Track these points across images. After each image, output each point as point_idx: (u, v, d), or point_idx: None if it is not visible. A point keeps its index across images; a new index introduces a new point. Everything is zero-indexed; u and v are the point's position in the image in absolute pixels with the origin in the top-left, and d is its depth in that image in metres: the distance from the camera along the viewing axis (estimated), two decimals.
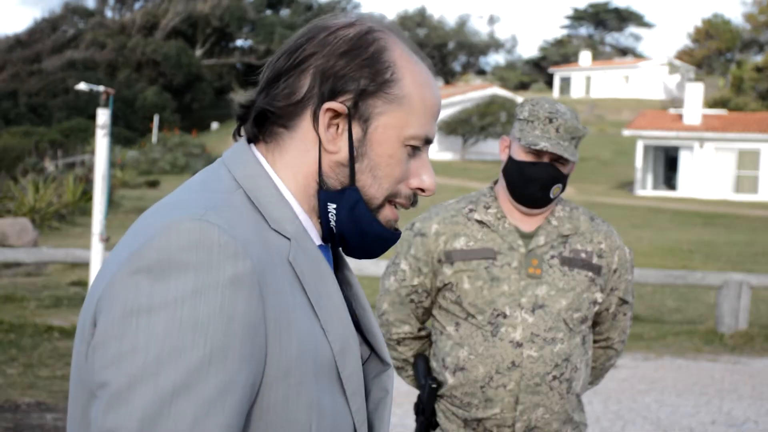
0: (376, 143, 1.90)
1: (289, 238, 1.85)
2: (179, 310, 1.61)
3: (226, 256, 1.66)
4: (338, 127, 1.90)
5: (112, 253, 1.83)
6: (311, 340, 1.80)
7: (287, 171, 1.93)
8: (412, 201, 1.99)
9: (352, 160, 1.90)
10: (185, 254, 1.65)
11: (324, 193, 1.92)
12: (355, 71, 1.87)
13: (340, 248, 2.03)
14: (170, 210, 1.77)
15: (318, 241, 1.96)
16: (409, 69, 1.92)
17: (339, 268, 2.08)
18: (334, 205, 1.91)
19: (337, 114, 1.88)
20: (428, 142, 1.97)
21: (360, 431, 1.91)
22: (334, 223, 1.93)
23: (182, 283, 1.63)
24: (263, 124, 1.95)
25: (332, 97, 1.87)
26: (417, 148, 1.95)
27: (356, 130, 1.90)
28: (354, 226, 1.93)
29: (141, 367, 1.58)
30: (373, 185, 1.91)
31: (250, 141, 1.98)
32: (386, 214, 1.96)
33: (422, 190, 1.97)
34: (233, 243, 1.68)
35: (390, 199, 1.95)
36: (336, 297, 1.91)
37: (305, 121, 1.91)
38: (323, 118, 1.88)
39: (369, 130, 1.90)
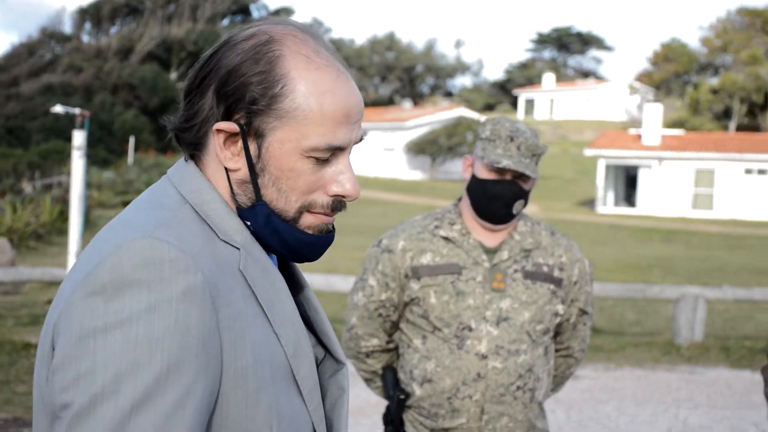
0: (273, 158, 1.87)
1: (238, 248, 1.86)
2: (134, 327, 1.62)
3: (177, 270, 1.67)
4: (236, 145, 1.87)
5: (68, 274, 1.82)
6: (266, 346, 1.81)
7: (216, 185, 1.93)
8: (334, 207, 1.94)
9: (253, 177, 1.87)
10: (137, 272, 1.65)
11: (240, 212, 1.91)
12: (247, 87, 1.83)
13: (280, 256, 2.00)
14: (120, 230, 1.77)
15: (259, 245, 1.94)
16: (304, 78, 1.85)
17: (289, 273, 2.09)
18: (249, 222, 1.91)
19: (229, 134, 1.86)
20: (338, 149, 1.89)
21: (318, 429, 1.92)
22: (261, 237, 1.92)
23: (136, 301, 1.63)
24: (182, 142, 1.95)
25: (227, 115, 1.85)
26: (324, 159, 1.88)
27: (252, 147, 1.87)
28: (275, 236, 1.91)
29: (100, 386, 1.59)
30: (279, 199, 1.89)
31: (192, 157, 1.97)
32: (308, 221, 1.92)
33: (343, 196, 1.92)
34: (183, 257, 1.69)
35: (309, 209, 1.91)
36: (287, 302, 1.92)
37: (211, 141, 1.90)
38: (217, 139, 1.86)
39: (263, 146, 1.86)
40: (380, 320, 4.03)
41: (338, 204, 1.93)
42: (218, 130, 1.85)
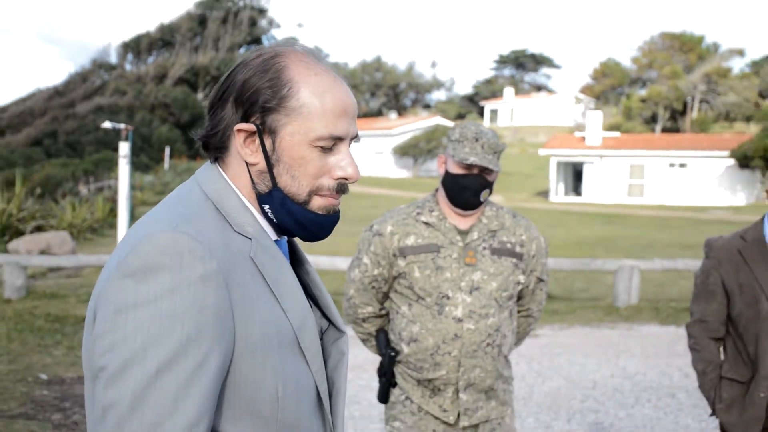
0: (286, 150, 1.89)
1: (250, 238, 1.88)
2: (159, 304, 1.65)
3: (195, 258, 1.69)
4: (255, 142, 1.90)
5: (109, 260, 1.83)
6: (273, 320, 1.82)
7: (237, 182, 1.95)
8: (339, 189, 1.95)
9: (269, 167, 1.90)
10: (162, 259, 1.68)
11: (259, 198, 1.93)
12: (259, 93, 1.87)
13: (295, 236, 2.03)
14: (149, 223, 1.79)
15: (274, 237, 1.98)
16: (306, 81, 1.88)
17: (296, 259, 2.08)
18: (267, 206, 1.93)
19: (248, 132, 1.89)
20: (339, 138, 1.92)
21: (320, 387, 1.94)
22: (274, 220, 1.94)
23: (161, 283, 1.66)
24: (209, 147, 1.97)
25: (245, 119, 1.89)
26: (328, 148, 1.91)
27: (268, 142, 1.89)
28: (289, 218, 1.93)
29: (130, 352, 1.62)
30: (293, 184, 1.90)
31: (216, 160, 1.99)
32: (318, 203, 1.94)
33: (346, 178, 1.94)
34: (201, 248, 1.72)
35: (316, 193, 1.93)
36: (292, 283, 1.92)
37: (233, 143, 1.92)
38: (238, 138, 1.90)
39: (277, 140, 1.89)
40: (373, 292, 4.04)
41: (342, 186, 1.95)
42: (239, 130, 1.88)
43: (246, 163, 1.92)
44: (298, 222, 1.93)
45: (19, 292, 13.83)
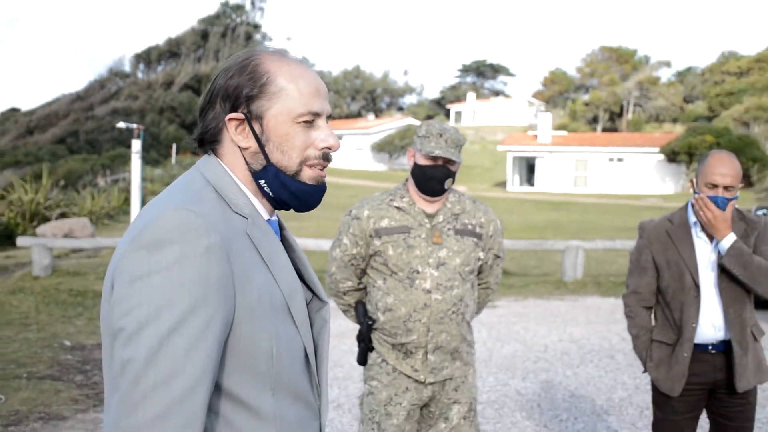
0: (273, 129, 1.91)
1: (246, 217, 1.88)
2: (169, 273, 1.66)
3: (199, 233, 1.70)
4: (245, 129, 1.92)
5: (124, 236, 1.82)
6: (267, 289, 1.83)
7: (233, 169, 1.95)
8: (325, 158, 1.97)
9: (261, 147, 1.91)
10: (171, 234, 1.69)
11: (255, 175, 1.94)
12: (242, 86, 1.90)
13: (291, 209, 2.02)
14: (159, 204, 1.80)
15: (266, 217, 1.98)
16: (281, 70, 1.91)
17: (283, 238, 2.07)
18: (263, 180, 1.94)
19: (240, 120, 1.91)
20: (317, 114, 1.94)
21: (308, 349, 1.94)
22: (271, 194, 1.95)
23: (170, 254, 1.67)
24: (205, 143, 1.98)
25: (234, 110, 1.91)
26: (310, 121, 1.93)
27: (256, 126, 1.91)
28: (284, 190, 1.94)
29: (145, 315, 1.64)
30: (283, 158, 1.92)
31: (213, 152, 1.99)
32: (308, 174, 1.95)
33: (329, 148, 1.96)
34: (204, 224, 1.72)
35: (305, 163, 1.94)
36: (282, 257, 1.93)
37: (226, 133, 1.94)
38: (230, 127, 1.92)
39: (264, 123, 1.91)
40: (353, 268, 4.03)
41: (326, 155, 1.96)
42: (230, 120, 1.91)
43: (240, 148, 1.93)
44: (291, 193, 1.94)
45: (45, 270, 13.80)
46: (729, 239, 4.01)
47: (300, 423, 1.90)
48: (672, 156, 54.33)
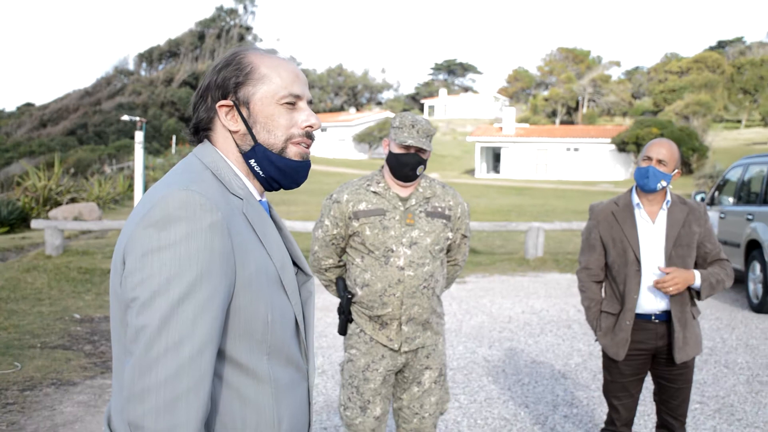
0: (259, 112, 1.93)
1: (241, 198, 1.89)
2: (178, 247, 1.67)
3: (204, 211, 1.71)
4: (234, 114, 1.94)
5: (131, 215, 1.83)
6: (262, 262, 1.84)
7: (226, 153, 1.97)
8: (308, 136, 1.98)
9: (249, 129, 1.93)
10: (178, 212, 1.69)
11: (245, 155, 1.95)
12: (229, 77, 1.92)
13: (280, 188, 2.03)
14: (166, 186, 1.79)
15: (258, 198, 1.98)
16: (263, 61, 1.94)
17: (273, 218, 2.06)
18: (253, 160, 1.95)
19: (229, 107, 1.93)
20: (298, 97, 1.96)
21: (298, 317, 1.95)
22: (261, 172, 1.96)
23: (178, 231, 1.68)
24: (199, 132, 1.99)
25: (223, 98, 1.93)
26: (292, 103, 1.95)
27: (244, 111, 1.93)
28: (272, 166, 1.95)
29: (157, 285, 1.65)
30: (270, 137, 1.93)
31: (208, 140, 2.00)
32: (293, 151, 1.96)
33: (311, 126, 1.97)
34: (208, 202, 1.73)
35: (290, 141, 1.95)
36: (274, 234, 1.94)
37: (217, 121, 1.96)
38: (220, 113, 1.94)
39: (251, 107, 1.93)
40: (333, 247, 4.00)
41: (309, 133, 1.98)
42: (220, 107, 1.93)
43: (230, 132, 1.94)
44: (279, 169, 1.95)
45: (57, 250, 13.73)
46: (698, 280, 4.12)
47: (291, 384, 1.90)
48: (622, 146, 54.68)
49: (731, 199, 11.96)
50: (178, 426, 1.62)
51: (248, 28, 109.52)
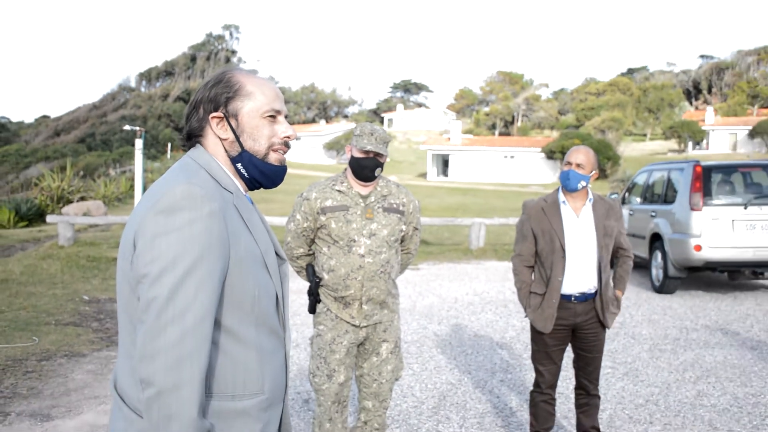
0: (246, 123, 1.93)
1: (231, 192, 1.90)
2: (182, 231, 1.69)
3: (204, 201, 1.73)
4: (224, 124, 1.94)
5: (139, 204, 1.85)
6: (250, 245, 1.85)
7: (216, 156, 1.96)
8: (286, 144, 1.99)
9: (237, 137, 1.94)
10: (182, 201, 1.72)
11: (233, 160, 1.95)
12: (220, 93, 1.93)
13: (261, 187, 2.04)
14: (169, 181, 1.80)
15: (244, 193, 1.98)
16: (249, 80, 1.95)
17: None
18: (240, 164, 1.95)
19: (220, 118, 1.93)
20: (278, 112, 1.97)
21: (279, 294, 1.95)
22: (246, 174, 1.96)
23: (182, 217, 1.70)
24: (192, 138, 1.98)
25: (214, 110, 1.93)
26: (273, 116, 1.96)
27: (233, 122, 1.93)
28: (256, 170, 1.96)
29: (165, 263, 1.67)
30: (255, 145, 1.94)
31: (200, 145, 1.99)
32: (274, 157, 1.97)
33: (288, 137, 1.98)
34: (207, 194, 1.75)
35: (271, 148, 1.96)
36: (259, 224, 1.96)
37: (209, 129, 1.95)
38: (212, 123, 1.94)
39: (239, 118, 1.93)
40: (304, 238, 3.96)
41: (287, 143, 1.99)
42: (212, 117, 1.93)
43: (220, 139, 1.94)
44: (261, 172, 1.95)
45: (69, 241, 13.57)
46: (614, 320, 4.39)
47: (273, 350, 1.91)
48: (550, 154, 55.31)
49: (638, 199, 12.08)
50: (183, 381, 1.64)
51: (233, 52, 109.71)
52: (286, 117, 2.01)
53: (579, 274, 4.22)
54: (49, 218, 14.23)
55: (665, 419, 5.22)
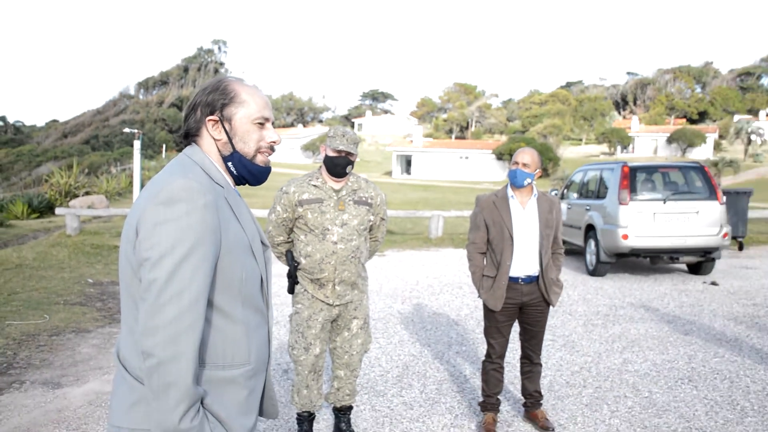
0: (238, 128, 1.90)
1: (222, 187, 1.88)
2: (180, 221, 1.67)
3: (199, 193, 1.71)
4: (218, 126, 1.90)
5: (140, 196, 1.81)
6: (239, 234, 1.83)
7: (209, 155, 1.93)
8: (272, 148, 1.96)
9: (229, 140, 1.91)
10: (180, 194, 1.69)
11: (224, 159, 1.93)
12: (217, 99, 1.89)
13: (247, 183, 2.00)
14: (167, 176, 1.77)
15: (233, 187, 1.95)
16: (242, 89, 1.91)
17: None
18: (230, 163, 1.92)
19: (215, 121, 1.90)
20: (266, 119, 1.93)
21: (263, 277, 1.94)
22: (235, 172, 1.94)
23: (180, 208, 1.68)
24: (188, 137, 1.95)
25: (211, 114, 1.90)
26: (262, 123, 1.92)
27: (227, 125, 1.90)
28: (245, 169, 1.93)
29: (164, 249, 1.65)
30: (244, 147, 1.91)
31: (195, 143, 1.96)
32: (260, 159, 1.94)
33: (274, 142, 1.95)
34: (202, 187, 1.73)
35: (259, 151, 1.93)
36: (247, 214, 1.95)
37: (204, 130, 1.92)
38: (208, 125, 1.91)
39: (232, 123, 1.90)
40: (283, 227, 3.92)
41: (272, 147, 1.96)
42: (209, 120, 1.90)
43: (215, 140, 1.91)
44: (249, 171, 1.92)
45: (75, 231, 13.35)
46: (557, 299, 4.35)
47: (258, 326, 1.90)
48: (500, 155, 55.61)
49: (575, 195, 12.19)
50: (180, 353, 1.64)
51: (221, 63, 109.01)
52: (273, 123, 1.98)
53: (524, 259, 4.23)
54: (57, 210, 14.08)
55: (596, 383, 5.28)
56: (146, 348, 1.65)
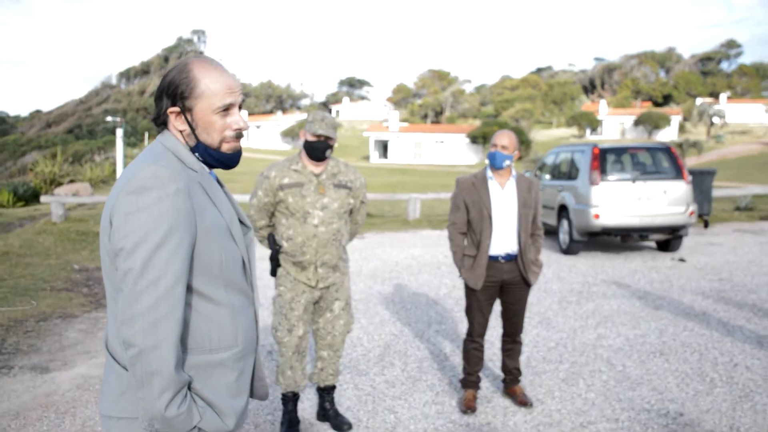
0: (200, 119, 1.80)
1: (196, 171, 1.82)
2: (152, 209, 1.62)
3: (170, 180, 1.66)
4: (181, 118, 1.81)
5: (114, 186, 1.74)
6: (215, 218, 1.78)
7: (181, 139, 1.85)
8: (237, 136, 1.85)
9: (192, 130, 1.82)
10: (151, 182, 1.64)
11: (191, 149, 1.84)
12: (177, 87, 1.79)
13: (218, 168, 1.92)
14: (138, 163, 1.71)
15: (208, 171, 1.88)
16: (204, 76, 1.79)
17: (220, 185, 1.96)
18: (196, 153, 1.84)
19: (177, 112, 1.81)
20: (230, 105, 1.81)
21: (244, 257, 1.89)
22: (203, 161, 1.86)
23: (151, 196, 1.63)
24: (159, 124, 1.87)
25: (173, 104, 1.81)
26: (225, 110, 1.80)
27: (189, 116, 1.81)
28: (211, 158, 1.85)
29: (138, 237, 1.61)
30: (208, 138, 1.82)
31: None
32: (226, 147, 1.84)
33: (240, 128, 1.84)
34: (173, 174, 1.68)
35: (224, 141, 1.83)
36: (223, 198, 1.87)
37: (170, 121, 1.84)
38: (170, 116, 1.83)
39: (194, 114, 1.80)
40: (265, 211, 3.84)
41: (239, 133, 1.85)
42: (170, 112, 1.82)
43: (179, 131, 1.83)
44: (216, 159, 1.84)
45: (60, 218, 13.13)
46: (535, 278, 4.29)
47: (242, 307, 1.86)
48: (474, 139, 55.72)
49: (548, 176, 12.18)
50: (160, 341, 1.61)
51: (201, 53, 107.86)
52: (240, 107, 1.89)
53: (503, 238, 4.20)
54: (43, 198, 13.82)
55: (572, 358, 5.27)
56: (126, 338, 1.61)
